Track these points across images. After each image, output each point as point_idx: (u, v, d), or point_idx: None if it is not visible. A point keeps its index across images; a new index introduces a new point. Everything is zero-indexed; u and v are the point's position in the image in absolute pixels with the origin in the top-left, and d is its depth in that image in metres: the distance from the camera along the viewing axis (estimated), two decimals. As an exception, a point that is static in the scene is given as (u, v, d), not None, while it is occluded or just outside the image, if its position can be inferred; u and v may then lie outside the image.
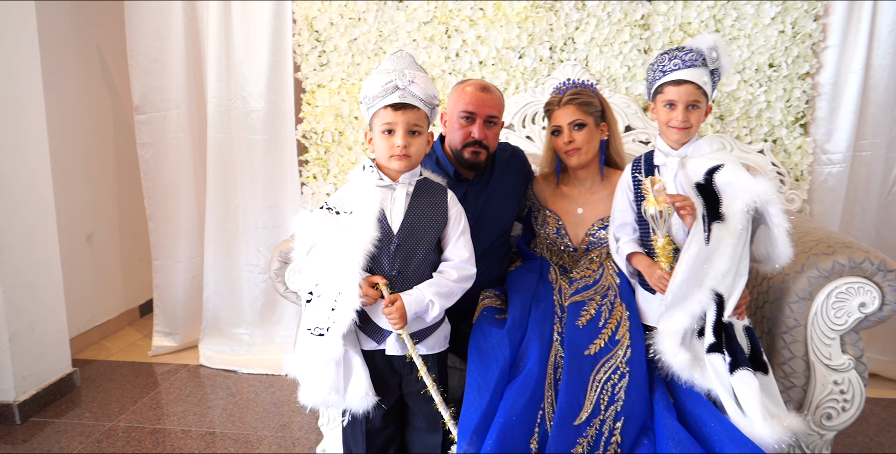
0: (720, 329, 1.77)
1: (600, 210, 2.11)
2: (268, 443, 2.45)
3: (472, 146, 2.02)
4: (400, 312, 1.73)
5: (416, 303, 1.75)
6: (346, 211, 1.77)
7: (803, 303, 1.96)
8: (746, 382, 1.72)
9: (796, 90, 2.65)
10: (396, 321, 1.73)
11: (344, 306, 1.72)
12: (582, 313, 1.89)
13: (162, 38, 3.05)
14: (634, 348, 1.82)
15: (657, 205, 1.75)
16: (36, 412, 2.67)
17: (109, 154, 3.52)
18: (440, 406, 1.78)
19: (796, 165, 2.69)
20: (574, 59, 2.73)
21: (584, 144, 2.06)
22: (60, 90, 3.16)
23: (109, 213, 3.54)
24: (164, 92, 3.10)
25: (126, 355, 3.30)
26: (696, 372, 1.77)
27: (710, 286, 1.78)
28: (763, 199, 1.75)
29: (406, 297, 1.74)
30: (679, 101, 1.82)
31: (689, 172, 1.87)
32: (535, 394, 1.72)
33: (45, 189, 2.74)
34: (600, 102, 2.11)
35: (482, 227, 2.09)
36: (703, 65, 1.81)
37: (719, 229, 1.79)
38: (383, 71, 1.75)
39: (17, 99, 2.60)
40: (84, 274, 3.35)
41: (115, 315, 3.60)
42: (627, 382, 1.76)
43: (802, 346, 1.98)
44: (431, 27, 2.79)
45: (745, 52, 2.63)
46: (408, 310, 1.73)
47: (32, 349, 2.68)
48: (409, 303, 1.74)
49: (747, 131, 2.69)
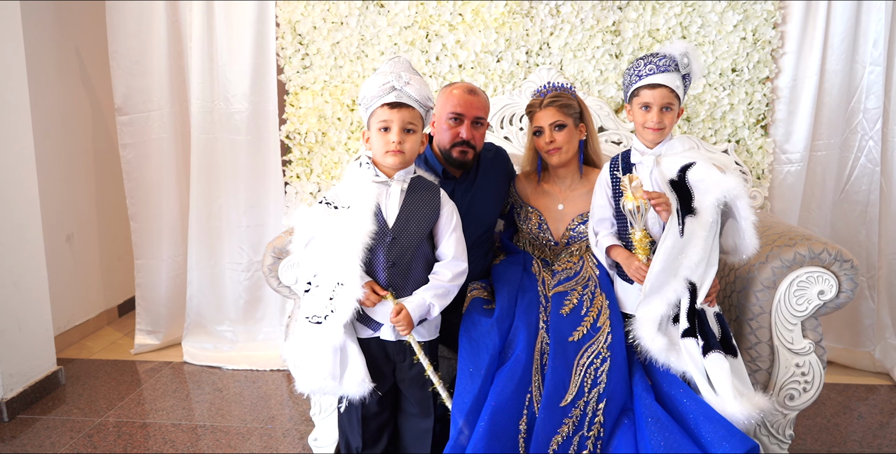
0: (693, 315, 1.91)
1: (580, 206, 2.23)
2: (258, 435, 2.52)
3: (461, 146, 2.12)
4: (407, 320, 1.84)
5: (419, 309, 1.86)
6: (343, 206, 1.86)
7: (768, 291, 2.11)
8: (718, 364, 1.85)
9: (757, 93, 2.81)
10: (404, 328, 1.84)
11: (345, 297, 1.81)
12: (565, 303, 2.01)
13: (144, 40, 3.09)
14: (614, 334, 1.94)
15: (635, 200, 1.87)
16: (23, 409, 2.70)
17: (89, 155, 3.53)
18: (439, 386, 1.88)
19: (758, 164, 2.85)
20: (549, 63, 2.86)
21: (564, 144, 2.18)
22: (40, 91, 3.17)
23: (88, 213, 3.56)
24: (147, 93, 3.14)
25: (108, 353, 3.32)
26: (671, 355, 1.90)
27: (684, 275, 1.91)
28: (732, 194, 1.89)
29: (409, 305, 1.85)
30: (654, 104, 1.95)
31: (664, 170, 2.00)
32: (523, 379, 1.83)
33: (30, 188, 2.77)
34: (578, 104, 2.24)
35: (469, 222, 2.18)
36: (675, 69, 1.95)
37: (692, 222, 1.92)
38: (381, 73, 1.85)
39: (3, 99, 2.62)
40: (64, 273, 3.36)
41: (94, 314, 3.61)
42: (609, 366, 1.88)
43: (767, 332, 2.13)
44: (412, 31, 2.88)
45: (710, 58, 2.79)
46: (413, 316, 1.85)
47: (19, 347, 2.70)
48: (413, 309, 1.85)
49: (712, 132, 2.85)
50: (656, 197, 1.89)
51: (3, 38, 2.62)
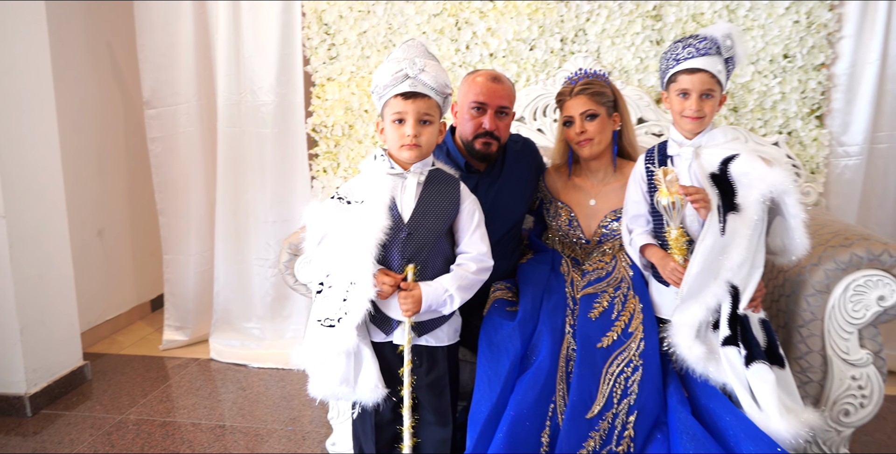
0: (735, 322, 1.75)
1: (613, 201, 2.08)
2: (277, 437, 2.44)
3: (484, 137, 2.00)
4: (415, 299, 1.71)
5: (433, 295, 1.73)
6: (356, 200, 1.75)
7: (820, 296, 1.93)
8: (762, 376, 1.69)
9: (811, 81, 2.60)
10: (409, 309, 1.72)
11: (357, 297, 1.70)
12: (594, 305, 1.87)
13: (171, 33, 3.05)
14: (648, 341, 1.79)
15: (670, 196, 1.72)
16: (47, 404, 2.68)
17: (120, 149, 3.52)
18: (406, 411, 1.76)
19: (812, 158, 2.65)
20: (585, 50, 2.70)
21: (596, 135, 2.03)
22: (71, 86, 3.16)
23: (120, 207, 3.55)
24: (174, 86, 3.10)
25: (137, 349, 3.30)
26: (710, 365, 1.75)
27: (725, 278, 1.75)
28: (779, 189, 1.72)
29: (425, 288, 1.73)
30: (692, 90, 1.79)
31: (704, 163, 1.84)
32: (546, 387, 1.70)
33: (55, 183, 2.75)
34: (613, 92, 2.08)
35: (493, 219, 2.05)
36: (717, 53, 1.79)
37: (734, 220, 1.76)
38: (394, 60, 1.74)
39: (28, 95, 2.60)
40: (95, 268, 3.35)
41: (126, 309, 3.60)
42: (641, 375, 1.74)
43: (819, 341, 1.95)
44: (441, 19, 2.76)
45: (759, 43, 2.59)
46: (424, 300, 1.72)
47: (43, 342, 2.69)
48: (427, 293, 1.72)
49: (762, 123, 2.66)
50: (693, 192, 1.73)
51: (29, 37, 2.60)
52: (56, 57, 3.03)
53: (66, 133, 3.11)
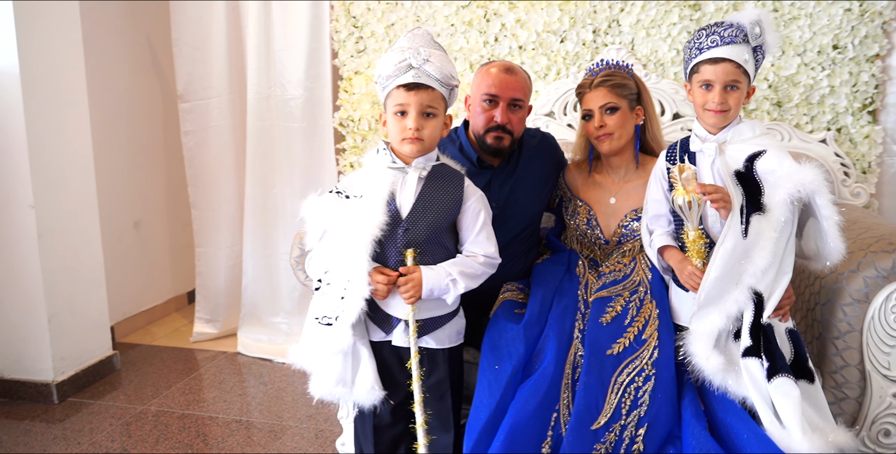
0: (758, 331, 1.62)
1: (634, 200, 1.97)
2: (290, 434, 2.42)
3: (495, 131, 1.91)
4: (416, 283, 1.64)
5: (435, 278, 1.66)
6: (355, 194, 1.70)
7: (858, 305, 1.77)
8: (785, 391, 1.56)
9: (864, 74, 2.41)
10: (410, 294, 1.65)
11: (352, 294, 1.65)
12: (607, 310, 1.76)
13: (204, 26, 3.06)
14: (662, 349, 1.68)
15: (686, 194, 1.60)
16: (74, 392, 2.73)
17: (158, 142, 3.57)
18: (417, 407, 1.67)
19: (863, 156, 2.46)
20: (619, 42, 2.58)
21: (616, 129, 1.92)
22: (111, 80, 3.21)
23: (158, 200, 3.60)
24: (207, 80, 3.11)
25: (169, 340, 3.34)
26: (730, 377, 1.63)
27: (748, 284, 1.63)
28: (808, 189, 1.58)
29: (426, 271, 1.66)
30: (716, 81, 1.67)
31: (728, 159, 1.71)
32: (548, 395, 1.61)
33: (86, 175, 2.79)
34: (636, 84, 1.97)
35: (507, 216, 1.98)
36: (743, 41, 1.65)
37: (759, 221, 1.63)
38: (398, 49, 1.68)
39: (61, 90, 2.64)
40: (131, 260, 3.41)
41: (162, 301, 3.65)
42: (653, 386, 1.63)
43: (857, 354, 1.79)
44: (469, 11, 2.68)
45: (807, 33, 2.42)
46: (425, 284, 1.64)
47: (72, 331, 2.73)
48: (429, 276, 1.65)
49: (808, 119, 2.48)
50: (713, 191, 1.61)
51: (63, 34, 2.64)
52: (96, 51, 3.10)
53: (104, 126, 3.17)
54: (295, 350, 1.74)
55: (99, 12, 3.12)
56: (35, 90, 2.52)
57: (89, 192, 2.81)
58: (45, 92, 2.57)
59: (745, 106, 1.77)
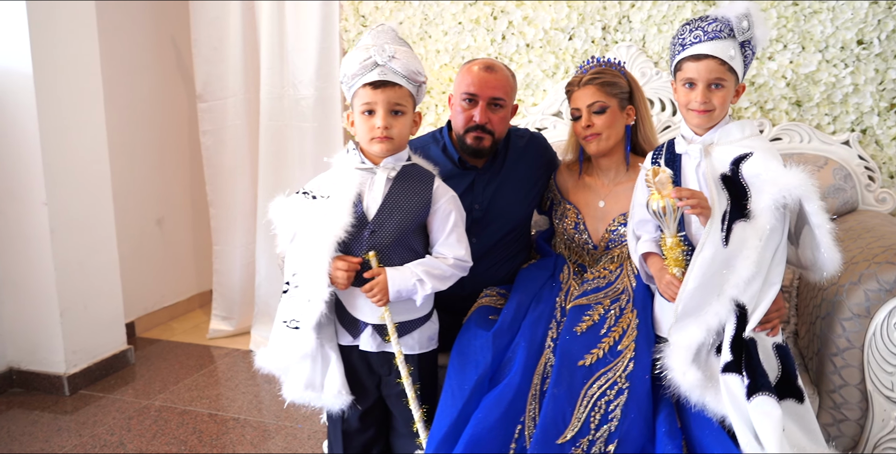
0: (740, 345, 1.51)
1: (623, 204, 1.88)
2: (283, 434, 2.41)
3: (475, 131, 1.85)
4: (381, 287, 1.60)
5: (400, 279, 1.61)
6: (322, 195, 1.67)
7: (858, 320, 1.64)
8: (766, 410, 1.46)
9: (891, 71, 2.25)
10: (378, 297, 1.61)
11: (313, 296, 1.62)
12: (584, 318, 1.68)
13: (221, 27, 3.09)
14: (638, 362, 1.59)
15: (661, 199, 1.51)
16: (86, 385, 2.79)
17: (183, 141, 3.63)
18: (412, 403, 1.64)
19: (890, 159, 2.29)
20: (629, 39, 2.48)
21: (604, 130, 1.84)
22: (134, 80, 3.29)
23: (181, 198, 3.66)
24: (223, 80, 3.15)
25: (186, 337, 3.40)
26: (708, 394, 1.53)
27: (730, 295, 1.53)
28: (795, 194, 1.47)
29: (391, 272, 1.62)
30: (699, 80, 1.57)
31: (715, 162, 1.61)
32: (513, 406, 1.55)
33: (101, 173, 2.84)
34: (628, 83, 1.88)
35: (491, 219, 1.92)
36: (729, 36, 1.55)
37: (744, 229, 1.53)
38: (362, 47, 1.64)
39: (76, 89, 2.70)
40: (153, 256, 3.48)
41: (184, 297, 3.72)
42: (625, 400, 1.55)
43: (857, 373, 1.67)
44: (477, 9, 2.63)
45: (829, 28, 2.27)
46: (391, 285, 1.61)
47: (84, 326, 2.80)
48: (394, 277, 1.61)
49: (830, 119, 2.33)
50: (688, 195, 1.51)
51: (79, 35, 2.70)
52: (122, 52, 3.18)
53: (129, 125, 3.25)
54: (262, 354, 1.71)
55: (124, 14, 3.19)
56: (48, 90, 2.59)
57: (104, 190, 2.87)
58: (59, 92, 2.64)
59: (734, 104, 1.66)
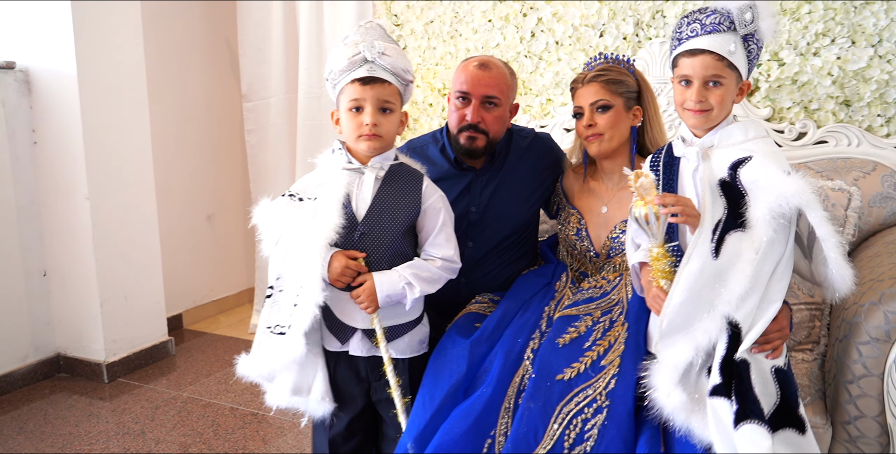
0: (730, 368, 1.39)
1: (627, 209, 1.76)
2: (296, 432, 2.42)
3: (467, 130, 1.78)
4: (368, 293, 1.57)
5: (388, 283, 1.58)
6: (309, 197, 1.65)
7: (877, 345, 1.48)
8: (753, 440, 1.33)
9: (954, 67, 2.02)
10: (366, 304, 1.58)
11: (305, 301, 1.60)
12: (569, 330, 1.59)
13: (265, 28, 3.16)
14: (622, 379, 1.49)
15: (644, 205, 1.40)
16: (124, 374, 2.91)
17: (235, 140, 3.72)
18: (399, 411, 1.60)
19: (952, 165, 2.06)
20: (663, 35, 2.34)
21: (606, 130, 1.73)
22: (188, 80, 3.40)
23: (233, 194, 3.76)
24: (266, 80, 3.21)
25: (230, 330, 3.49)
26: (695, 418, 1.41)
27: (722, 312, 1.40)
28: (793, 203, 1.33)
29: (378, 276, 1.58)
30: (694, 77, 1.44)
31: (714, 167, 1.48)
32: (482, 420, 1.47)
33: (144, 169, 2.95)
34: (637, 82, 1.76)
35: (489, 222, 1.85)
36: (729, 29, 1.41)
37: (740, 240, 1.40)
38: (350, 43, 1.61)
39: (120, 87, 2.82)
40: (203, 251, 3.59)
41: (234, 291, 3.83)
42: (604, 419, 1.45)
43: (876, 404, 1.50)
44: (506, 6, 2.55)
45: (882, 20, 2.06)
46: (379, 291, 1.57)
47: (124, 316, 2.91)
48: (381, 281, 1.58)
49: (883, 120, 2.12)
50: (672, 202, 1.40)
51: (125, 34, 2.81)
52: (177, 53, 3.31)
53: (179, 124, 3.37)
54: (244, 361, 1.69)
55: (181, 17, 3.32)
56: (92, 90, 2.70)
57: (147, 186, 2.98)
58: (103, 91, 2.75)
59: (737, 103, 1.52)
